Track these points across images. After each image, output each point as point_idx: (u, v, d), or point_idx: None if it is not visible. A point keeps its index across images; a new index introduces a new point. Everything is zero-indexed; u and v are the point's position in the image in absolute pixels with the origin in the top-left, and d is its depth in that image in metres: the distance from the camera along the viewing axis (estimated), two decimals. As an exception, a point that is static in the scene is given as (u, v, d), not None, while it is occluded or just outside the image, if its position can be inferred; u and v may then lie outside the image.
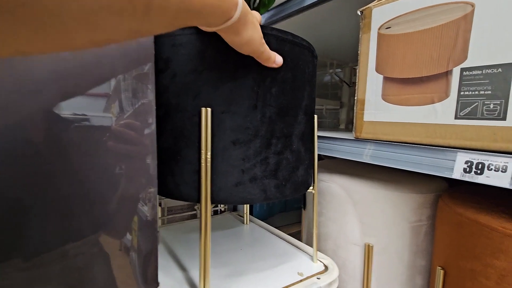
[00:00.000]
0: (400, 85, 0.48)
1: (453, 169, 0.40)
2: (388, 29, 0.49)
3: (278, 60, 0.38)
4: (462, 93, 0.40)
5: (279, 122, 0.41)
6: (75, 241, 0.31)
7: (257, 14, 0.34)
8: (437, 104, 0.43)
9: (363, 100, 0.54)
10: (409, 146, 0.46)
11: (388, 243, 0.58)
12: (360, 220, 0.60)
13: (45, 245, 0.30)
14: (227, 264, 0.54)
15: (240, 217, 0.81)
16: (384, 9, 0.49)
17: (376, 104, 0.52)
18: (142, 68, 0.35)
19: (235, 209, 0.90)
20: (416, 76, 0.46)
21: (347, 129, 1.21)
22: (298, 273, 0.51)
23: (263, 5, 0.71)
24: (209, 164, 0.38)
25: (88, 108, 0.31)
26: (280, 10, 0.73)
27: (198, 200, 0.39)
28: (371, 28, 0.51)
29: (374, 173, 0.65)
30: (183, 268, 0.53)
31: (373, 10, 0.51)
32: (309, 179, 0.50)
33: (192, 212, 0.86)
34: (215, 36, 0.32)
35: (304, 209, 0.80)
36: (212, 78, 0.38)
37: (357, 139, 0.55)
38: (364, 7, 0.52)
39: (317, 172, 0.54)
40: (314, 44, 0.47)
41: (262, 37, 0.34)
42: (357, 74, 0.55)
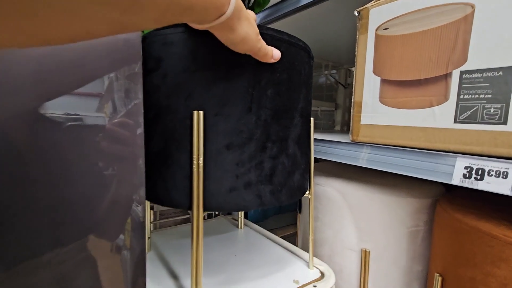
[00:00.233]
0: (398, 88, 0.47)
1: (453, 175, 0.39)
2: (386, 30, 0.48)
3: (276, 55, 0.36)
4: (462, 97, 0.39)
5: (275, 125, 0.40)
6: (65, 246, 0.29)
7: (252, 13, 0.33)
8: (436, 108, 0.42)
9: (360, 103, 0.53)
10: (407, 150, 0.45)
11: (385, 249, 0.57)
12: (357, 225, 0.58)
13: (29, 252, 0.28)
14: (221, 272, 0.52)
15: (235, 221, 0.79)
16: (382, 10, 0.48)
17: (374, 107, 0.50)
18: (134, 68, 0.33)
19: (230, 212, 0.89)
20: (415, 79, 0.45)
21: (343, 131, 1.20)
22: (294, 281, 0.50)
23: (258, 5, 0.70)
24: (201, 169, 0.36)
25: (81, 108, 0.30)
26: (275, 10, 0.72)
27: (190, 208, 0.37)
28: (369, 29, 0.50)
29: (371, 177, 0.64)
30: (175, 276, 0.51)
31: (371, 11, 0.50)
32: (305, 184, 0.48)
33: (186, 216, 0.84)
34: (208, 34, 0.31)
35: (300, 213, 0.79)
36: (205, 79, 0.36)
37: (354, 143, 0.54)
38: (361, 8, 0.51)
39: (313, 176, 0.52)
40: (310, 45, 0.46)
41: (258, 33, 0.33)
42: (354, 76, 0.54)
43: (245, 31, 0.30)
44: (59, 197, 0.29)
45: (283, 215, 1.15)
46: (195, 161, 0.36)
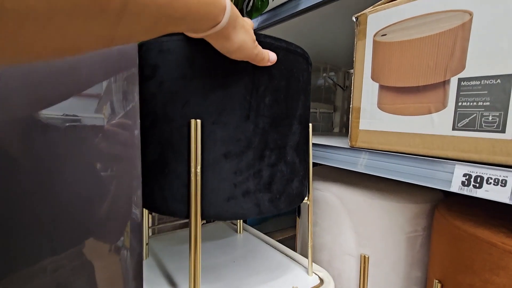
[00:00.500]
0: (396, 94, 0.47)
1: (451, 182, 0.39)
2: (384, 37, 0.48)
3: (272, 58, 0.36)
4: (460, 104, 0.39)
5: (273, 133, 0.40)
6: (64, 251, 0.29)
7: (249, 20, 0.33)
8: (434, 114, 0.42)
9: (359, 108, 0.52)
10: (406, 157, 0.45)
11: (384, 254, 0.56)
12: (355, 230, 0.58)
13: (27, 258, 0.27)
14: (219, 279, 0.52)
15: (234, 225, 0.79)
16: (380, 16, 0.48)
17: (372, 113, 0.50)
18: (131, 70, 0.33)
19: (228, 217, 0.88)
20: (413, 85, 0.45)
21: (341, 133, 1.20)
22: (293, 288, 0.49)
23: (256, 9, 0.70)
24: (199, 178, 0.36)
25: (79, 109, 0.30)
26: (273, 15, 0.72)
27: (187, 216, 0.37)
28: (367, 35, 0.50)
29: (369, 182, 0.64)
30: (172, 283, 0.51)
31: (369, 17, 0.50)
32: (304, 191, 0.48)
33: (184, 221, 0.83)
34: (205, 41, 0.30)
35: (299, 217, 0.79)
36: (202, 86, 0.36)
37: (352, 148, 0.54)
38: (360, 13, 0.51)
39: (312, 181, 0.52)
40: (308, 49, 0.46)
41: (255, 40, 0.32)
42: (352, 82, 0.54)
43: (241, 39, 0.30)
44: (58, 200, 0.29)
45: (282, 218, 1.15)
46: (193, 170, 0.36)
